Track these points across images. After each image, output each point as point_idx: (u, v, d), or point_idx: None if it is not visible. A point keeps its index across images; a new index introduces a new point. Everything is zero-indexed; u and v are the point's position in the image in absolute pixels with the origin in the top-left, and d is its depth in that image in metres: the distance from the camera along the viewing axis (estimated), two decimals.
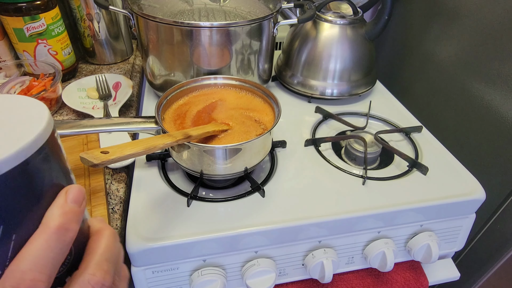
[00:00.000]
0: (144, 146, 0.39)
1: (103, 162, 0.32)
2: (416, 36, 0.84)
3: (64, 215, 0.17)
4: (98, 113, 0.67)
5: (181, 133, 0.46)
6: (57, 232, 0.16)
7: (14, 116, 0.16)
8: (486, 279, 0.71)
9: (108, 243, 0.19)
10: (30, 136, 0.15)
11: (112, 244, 0.19)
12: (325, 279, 0.52)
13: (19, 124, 0.15)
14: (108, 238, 0.19)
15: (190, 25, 0.59)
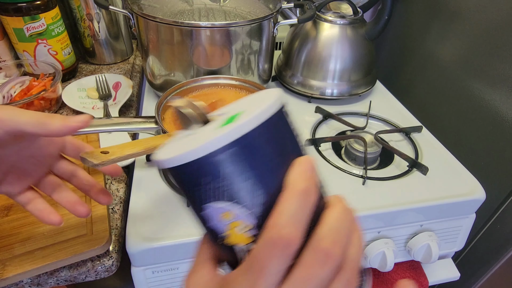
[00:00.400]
0: (144, 146, 0.39)
1: (103, 162, 0.32)
2: (416, 36, 0.84)
3: (307, 180, 0.18)
4: (98, 113, 0.67)
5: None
6: (303, 194, 0.18)
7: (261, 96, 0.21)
8: (486, 279, 0.71)
9: (339, 215, 0.20)
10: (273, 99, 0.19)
11: (343, 217, 0.20)
12: None
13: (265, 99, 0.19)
14: (340, 211, 0.20)
15: (190, 25, 0.59)
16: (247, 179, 0.18)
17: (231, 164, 0.18)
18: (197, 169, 0.18)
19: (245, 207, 0.18)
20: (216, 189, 0.18)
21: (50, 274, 0.43)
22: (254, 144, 0.18)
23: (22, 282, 0.42)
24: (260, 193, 0.18)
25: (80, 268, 0.44)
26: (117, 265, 0.46)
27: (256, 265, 0.18)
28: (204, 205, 0.19)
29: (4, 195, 0.33)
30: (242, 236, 0.19)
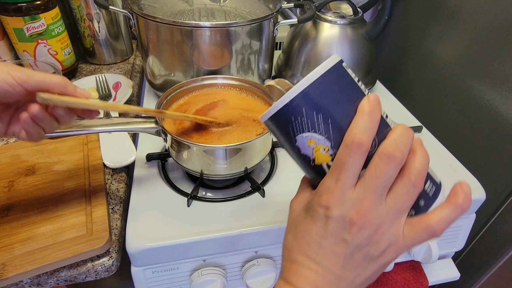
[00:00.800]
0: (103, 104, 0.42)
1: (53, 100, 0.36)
2: (416, 36, 0.84)
3: (372, 105, 0.25)
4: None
5: (154, 110, 0.47)
6: (369, 113, 0.25)
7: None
8: (486, 279, 0.71)
9: (400, 131, 0.26)
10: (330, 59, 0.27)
11: (404, 133, 0.26)
12: None
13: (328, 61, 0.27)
14: (401, 128, 0.26)
15: (190, 25, 0.59)
16: (320, 113, 0.26)
17: (306, 104, 0.26)
18: (286, 112, 0.27)
19: (321, 133, 0.26)
20: (301, 124, 0.27)
21: (50, 274, 0.43)
22: (320, 88, 0.26)
23: (22, 282, 0.42)
24: (331, 122, 0.26)
25: (80, 268, 0.44)
26: (117, 265, 0.46)
27: (338, 163, 0.25)
28: (295, 137, 0.27)
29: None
30: (325, 155, 0.27)
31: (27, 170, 0.54)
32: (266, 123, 0.29)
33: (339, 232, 0.26)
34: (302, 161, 0.29)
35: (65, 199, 0.49)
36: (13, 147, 0.58)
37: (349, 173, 0.25)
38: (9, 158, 0.56)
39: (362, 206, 0.25)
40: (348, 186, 0.25)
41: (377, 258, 0.27)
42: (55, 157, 0.57)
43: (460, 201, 0.26)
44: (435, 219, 0.26)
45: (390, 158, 0.25)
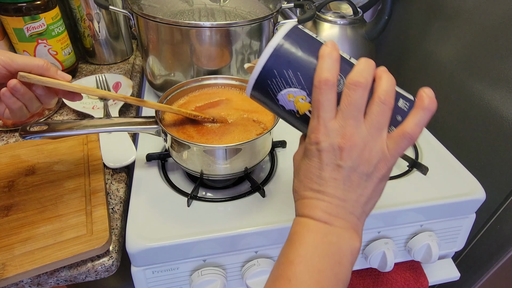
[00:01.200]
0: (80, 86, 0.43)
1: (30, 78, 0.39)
2: (416, 36, 0.84)
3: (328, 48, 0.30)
4: (98, 113, 0.67)
5: (135, 98, 0.48)
6: (328, 55, 0.29)
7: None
8: (486, 279, 0.71)
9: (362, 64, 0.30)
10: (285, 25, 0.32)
11: (365, 64, 0.30)
12: None
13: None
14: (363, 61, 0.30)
15: (190, 25, 0.59)
16: (289, 70, 0.30)
17: (276, 66, 0.30)
18: (262, 79, 0.31)
19: (296, 86, 0.31)
20: (276, 84, 0.31)
21: (50, 274, 0.43)
22: (283, 50, 0.30)
23: (22, 282, 0.42)
24: (300, 74, 0.30)
25: (80, 268, 0.44)
26: (117, 265, 0.46)
27: (315, 103, 0.30)
28: (277, 98, 0.32)
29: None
30: (305, 104, 0.31)
31: (27, 170, 0.54)
32: (251, 96, 0.34)
33: (332, 160, 0.30)
34: (291, 117, 0.33)
35: (65, 199, 0.49)
36: (13, 147, 0.58)
37: (325, 108, 0.29)
38: (9, 158, 0.56)
39: (345, 132, 0.29)
40: (328, 119, 0.29)
41: (372, 174, 0.30)
42: (55, 157, 0.57)
43: (426, 103, 0.29)
44: (408, 125, 0.29)
45: (355, 84, 0.29)
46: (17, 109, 0.40)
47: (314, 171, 0.31)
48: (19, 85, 0.39)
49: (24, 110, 0.41)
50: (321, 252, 0.29)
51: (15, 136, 0.64)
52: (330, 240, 0.30)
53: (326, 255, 0.29)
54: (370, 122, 0.29)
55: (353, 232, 0.31)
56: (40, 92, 0.41)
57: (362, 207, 0.31)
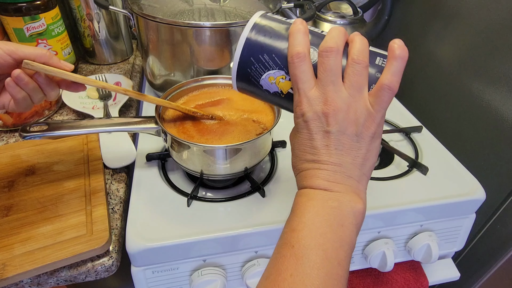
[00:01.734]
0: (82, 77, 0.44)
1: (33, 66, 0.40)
2: (416, 36, 0.84)
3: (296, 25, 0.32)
4: (98, 113, 0.67)
5: (135, 92, 0.48)
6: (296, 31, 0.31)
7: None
8: (486, 279, 0.71)
9: (331, 32, 0.31)
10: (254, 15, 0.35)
11: (335, 31, 0.31)
12: None
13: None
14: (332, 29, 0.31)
15: (190, 25, 0.59)
16: (264, 54, 0.32)
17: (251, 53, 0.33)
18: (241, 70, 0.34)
19: (274, 68, 0.33)
20: (256, 70, 0.33)
21: (50, 274, 0.43)
22: (254, 39, 0.33)
23: (22, 282, 0.42)
24: (275, 56, 0.32)
25: (80, 268, 0.44)
26: (117, 265, 0.46)
27: (292, 78, 0.31)
28: (260, 84, 0.34)
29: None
30: (286, 83, 0.33)
31: (27, 170, 0.54)
32: (238, 88, 0.36)
33: (320, 127, 0.31)
34: (278, 99, 0.35)
35: (65, 199, 0.49)
36: (13, 147, 0.58)
37: (302, 79, 0.30)
38: (9, 158, 0.56)
39: (326, 98, 0.30)
40: (308, 89, 0.30)
41: (361, 134, 0.31)
42: (55, 157, 0.57)
43: (396, 52, 0.30)
44: (385, 77, 0.30)
45: (327, 50, 0.30)
46: (22, 99, 0.41)
47: (306, 143, 0.32)
48: (22, 74, 0.40)
49: (28, 101, 0.42)
50: (323, 217, 0.30)
51: (15, 136, 0.64)
52: (330, 205, 0.30)
53: (328, 220, 0.29)
54: (349, 83, 0.30)
55: (354, 195, 0.31)
56: (43, 82, 0.42)
57: (359, 169, 0.32)
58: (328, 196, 0.31)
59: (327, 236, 0.29)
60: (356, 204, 0.31)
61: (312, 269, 0.27)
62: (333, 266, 0.28)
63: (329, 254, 0.28)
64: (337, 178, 0.31)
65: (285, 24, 0.34)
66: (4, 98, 0.42)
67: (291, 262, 0.28)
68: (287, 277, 0.27)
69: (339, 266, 0.29)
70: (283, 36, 0.32)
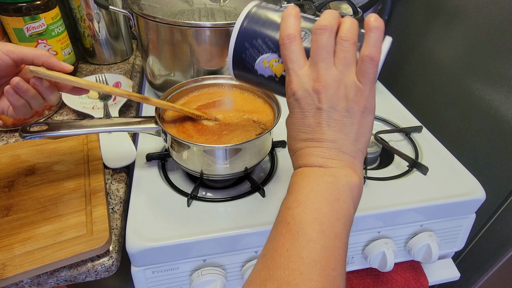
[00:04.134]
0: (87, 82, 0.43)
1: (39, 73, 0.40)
2: (416, 36, 0.84)
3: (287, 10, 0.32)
4: (98, 113, 0.67)
5: (139, 95, 0.48)
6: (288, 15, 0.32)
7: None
8: (486, 279, 0.71)
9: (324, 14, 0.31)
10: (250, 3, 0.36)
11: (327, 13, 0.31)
12: None
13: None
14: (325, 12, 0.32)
15: (190, 25, 0.59)
16: (258, 39, 0.34)
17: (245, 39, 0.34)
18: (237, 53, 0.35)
19: (267, 51, 0.34)
20: (250, 55, 0.34)
21: (50, 274, 0.43)
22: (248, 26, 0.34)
23: (22, 282, 0.42)
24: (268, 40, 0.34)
25: (80, 268, 0.44)
26: (117, 265, 0.46)
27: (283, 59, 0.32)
28: (255, 68, 0.35)
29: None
30: (279, 66, 0.34)
31: (27, 170, 0.54)
32: (235, 75, 0.37)
33: (311, 105, 0.31)
34: (273, 84, 0.35)
35: (65, 199, 0.49)
36: (13, 147, 0.58)
37: (292, 59, 0.31)
38: (9, 158, 0.56)
39: (317, 75, 0.30)
40: (298, 68, 0.31)
41: (352, 108, 0.31)
42: (55, 157, 0.57)
43: (372, 24, 0.31)
44: (364, 48, 0.31)
45: (321, 28, 0.30)
46: (21, 107, 0.41)
47: (299, 122, 0.32)
48: (22, 82, 0.39)
49: (27, 107, 0.42)
50: (318, 193, 0.30)
51: (15, 136, 0.64)
52: (326, 180, 0.30)
53: (323, 195, 0.30)
54: (338, 60, 0.31)
55: (349, 169, 0.31)
56: (43, 87, 0.42)
57: (353, 144, 0.32)
58: (323, 172, 0.31)
59: (322, 210, 0.29)
60: (352, 178, 0.31)
61: (308, 242, 0.27)
62: (330, 239, 0.28)
63: (325, 227, 0.28)
64: (332, 154, 0.31)
65: (279, 12, 0.35)
66: (2, 104, 0.42)
67: (287, 237, 0.28)
68: (283, 252, 0.27)
69: (336, 238, 0.29)
70: (275, 22, 0.34)
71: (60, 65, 0.42)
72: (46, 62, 0.41)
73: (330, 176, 0.30)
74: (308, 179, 0.31)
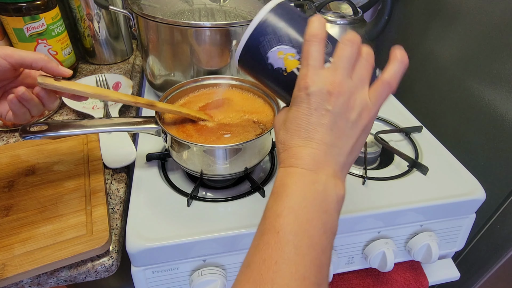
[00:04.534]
0: (95, 91, 0.43)
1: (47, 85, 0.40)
2: (416, 36, 0.84)
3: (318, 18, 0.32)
4: (98, 113, 0.67)
5: (145, 100, 0.48)
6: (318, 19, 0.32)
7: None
8: (486, 279, 0.71)
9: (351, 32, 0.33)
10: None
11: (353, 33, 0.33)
12: None
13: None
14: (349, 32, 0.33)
15: (190, 25, 0.59)
16: (281, 29, 0.33)
17: (271, 23, 0.34)
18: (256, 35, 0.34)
19: (287, 44, 0.33)
20: (269, 41, 0.34)
21: (50, 274, 0.43)
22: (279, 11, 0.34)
23: (22, 282, 0.42)
24: (290, 34, 0.33)
25: (80, 268, 0.44)
26: (117, 265, 0.46)
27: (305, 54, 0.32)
28: (267, 55, 0.34)
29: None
30: (294, 61, 0.33)
31: (27, 170, 0.54)
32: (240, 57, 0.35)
33: (321, 104, 0.31)
34: (277, 77, 0.35)
35: (65, 199, 0.49)
36: (13, 147, 0.58)
37: (315, 57, 0.31)
38: (9, 158, 0.56)
39: (335, 79, 0.31)
40: (318, 67, 0.31)
41: (356, 122, 0.32)
42: (55, 157, 0.57)
43: (398, 56, 0.33)
44: (387, 74, 0.32)
45: (351, 41, 0.32)
46: (21, 114, 0.41)
47: (302, 117, 0.31)
48: (27, 93, 0.39)
49: (27, 114, 0.42)
50: (309, 202, 0.29)
51: (15, 136, 0.64)
52: (317, 188, 0.30)
53: (313, 205, 0.29)
54: (356, 74, 0.32)
55: (338, 180, 0.31)
56: (45, 96, 0.41)
57: (346, 156, 0.32)
58: (315, 178, 0.30)
59: (312, 222, 0.28)
60: (340, 190, 0.31)
61: (298, 255, 0.27)
62: (318, 254, 0.28)
63: (314, 241, 0.28)
64: (327, 160, 0.31)
65: (304, 14, 0.36)
66: (1, 109, 0.42)
67: (276, 249, 0.27)
68: (271, 265, 0.26)
69: (323, 253, 0.28)
70: (302, 21, 0.34)
71: (59, 70, 0.41)
72: (45, 67, 0.40)
73: (321, 184, 0.30)
74: (300, 185, 0.30)
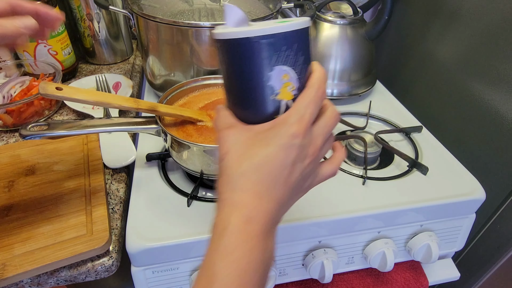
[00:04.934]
0: (97, 98, 0.43)
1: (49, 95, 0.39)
2: (416, 36, 0.84)
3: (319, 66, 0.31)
4: (98, 113, 0.67)
5: (147, 103, 0.47)
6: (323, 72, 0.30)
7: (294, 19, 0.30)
8: (486, 279, 0.71)
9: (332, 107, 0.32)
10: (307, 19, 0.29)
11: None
12: (325, 279, 0.52)
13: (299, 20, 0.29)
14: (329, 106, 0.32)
15: (190, 25, 0.59)
16: (302, 55, 0.29)
17: (300, 42, 0.28)
18: (282, 38, 0.27)
19: (297, 73, 0.29)
20: (287, 56, 0.28)
21: (50, 274, 0.43)
22: (307, 34, 0.29)
23: (22, 282, 0.42)
24: (305, 68, 0.30)
25: (80, 268, 0.44)
26: (117, 265, 0.46)
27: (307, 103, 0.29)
28: (274, 67, 0.28)
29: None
30: (289, 94, 0.30)
31: (27, 170, 0.54)
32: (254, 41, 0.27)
33: (297, 161, 0.29)
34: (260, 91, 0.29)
35: (65, 199, 0.49)
36: (13, 147, 0.58)
37: (313, 113, 0.29)
38: (9, 158, 0.56)
39: (316, 143, 0.30)
40: (311, 123, 0.29)
41: (309, 187, 0.33)
42: (55, 157, 0.57)
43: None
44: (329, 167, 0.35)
45: (337, 118, 0.31)
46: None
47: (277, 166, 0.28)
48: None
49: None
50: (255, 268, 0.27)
51: (15, 136, 0.64)
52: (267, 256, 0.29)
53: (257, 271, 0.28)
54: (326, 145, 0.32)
55: (275, 239, 0.31)
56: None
57: (284, 211, 0.32)
58: (266, 245, 0.29)
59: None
60: (275, 254, 0.31)
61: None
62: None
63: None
64: (278, 219, 0.31)
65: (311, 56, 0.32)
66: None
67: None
68: None
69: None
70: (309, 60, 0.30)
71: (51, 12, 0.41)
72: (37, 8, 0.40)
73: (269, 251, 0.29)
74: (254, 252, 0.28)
